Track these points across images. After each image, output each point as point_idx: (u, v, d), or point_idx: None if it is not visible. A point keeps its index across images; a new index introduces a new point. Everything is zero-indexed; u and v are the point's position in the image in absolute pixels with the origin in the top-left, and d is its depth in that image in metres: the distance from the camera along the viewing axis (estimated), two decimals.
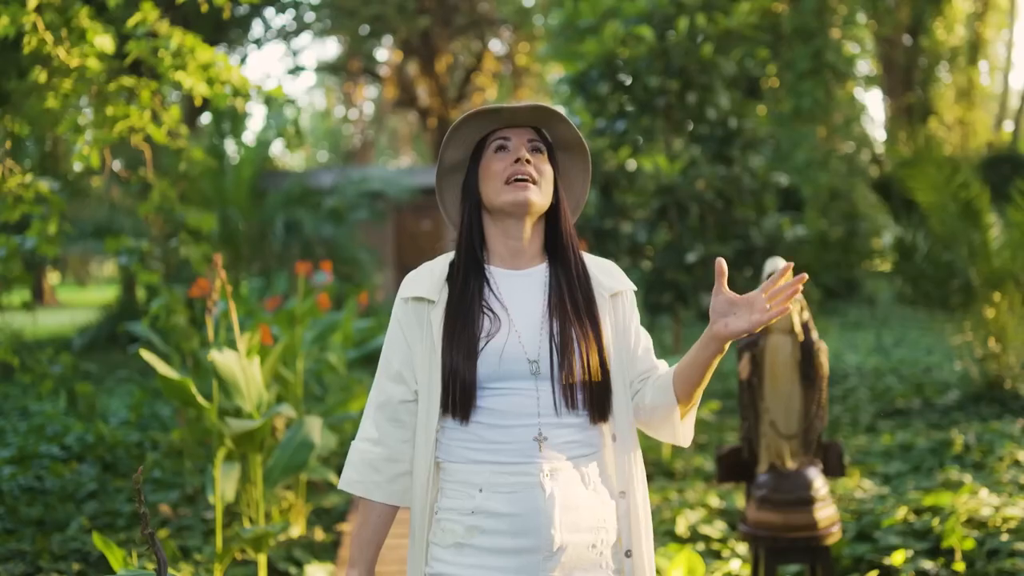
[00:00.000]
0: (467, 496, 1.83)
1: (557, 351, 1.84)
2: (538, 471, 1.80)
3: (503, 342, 1.84)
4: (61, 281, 37.07)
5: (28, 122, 9.31)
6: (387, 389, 1.93)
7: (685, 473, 5.96)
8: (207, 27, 15.54)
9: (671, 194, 8.02)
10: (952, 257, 7.69)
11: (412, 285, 1.94)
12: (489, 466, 1.82)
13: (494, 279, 1.93)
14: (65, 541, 4.82)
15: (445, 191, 2.01)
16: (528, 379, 1.83)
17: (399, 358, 1.92)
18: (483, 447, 1.83)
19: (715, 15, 8.23)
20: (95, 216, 13.83)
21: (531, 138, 1.94)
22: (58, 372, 6.10)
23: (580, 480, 1.83)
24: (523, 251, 1.94)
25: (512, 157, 1.90)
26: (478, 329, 1.85)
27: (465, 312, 1.87)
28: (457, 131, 1.94)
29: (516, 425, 1.82)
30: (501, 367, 1.83)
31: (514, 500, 1.79)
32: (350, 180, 14.79)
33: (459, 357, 1.83)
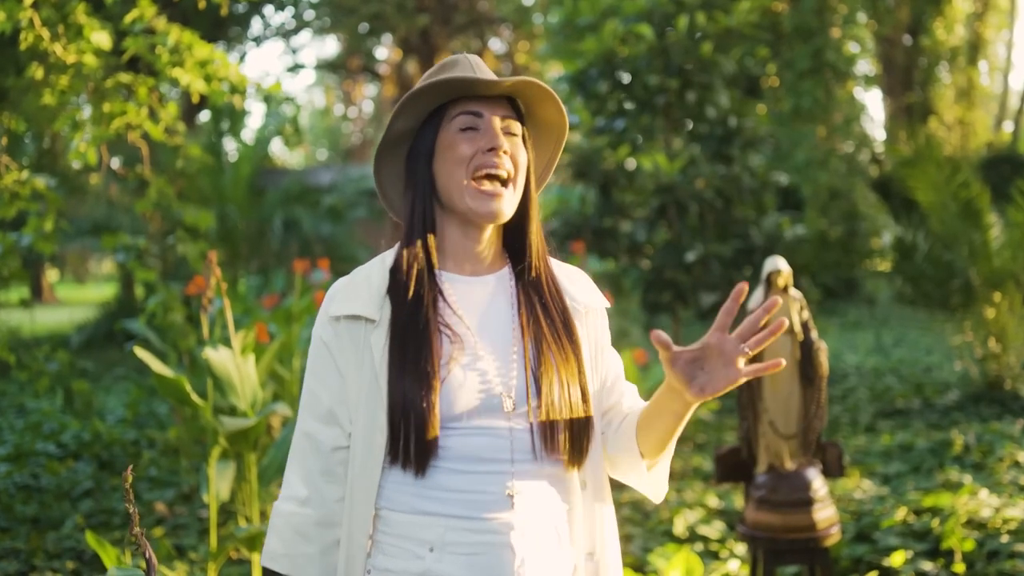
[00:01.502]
0: (412, 556, 1.44)
1: (535, 381, 1.47)
2: (508, 529, 1.43)
3: (466, 370, 1.47)
4: (60, 278, 37.05)
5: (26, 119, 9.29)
6: (316, 434, 1.52)
7: (684, 473, 5.94)
8: (206, 25, 15.52)
9: (670, 193, 7.99)
10: (952, 257, 7.67)
11: (344, 299, 1.53)
12: (444, 520, 1.44)
13: (448, 289, 1.54)
14: (60, 539, 4.80)
15: (383, 168, 1.61)
16: (498, 416, 1.47)
17: (330, 393, 1.51)
18: (438, 495, 1.45)
19: (715, 13, 8.21)
20: (93, 213, 13.80)
21: (506, 114, 1.55)
22: (55, 369, 6.07)
23: (550, 538, 1.49)
24: (483, 255, 1.57)
25: (485, 141, 1.51)
26: (435, 355, 1.45)
27: (417, 334, 1.46)
28: (416, 100, 1.53)
29: (482, 472, 1.45)
30: (466, 403, 1.45)
31: (476, 564, 1.42)
32: (349, 178, 14.77)
33: (413, 392, 1.43)
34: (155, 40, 5.11)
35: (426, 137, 1.55)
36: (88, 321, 14.95)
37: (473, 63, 1.56)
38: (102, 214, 13.53)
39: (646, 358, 6.21)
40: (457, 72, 1.53)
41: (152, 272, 6.45)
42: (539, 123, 1.62)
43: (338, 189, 14.28)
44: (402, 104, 1.54)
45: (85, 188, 14.62)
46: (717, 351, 1.38)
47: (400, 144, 1.60)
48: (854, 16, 14.40)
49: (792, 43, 13.70)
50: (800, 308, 3.20)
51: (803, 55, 13.48)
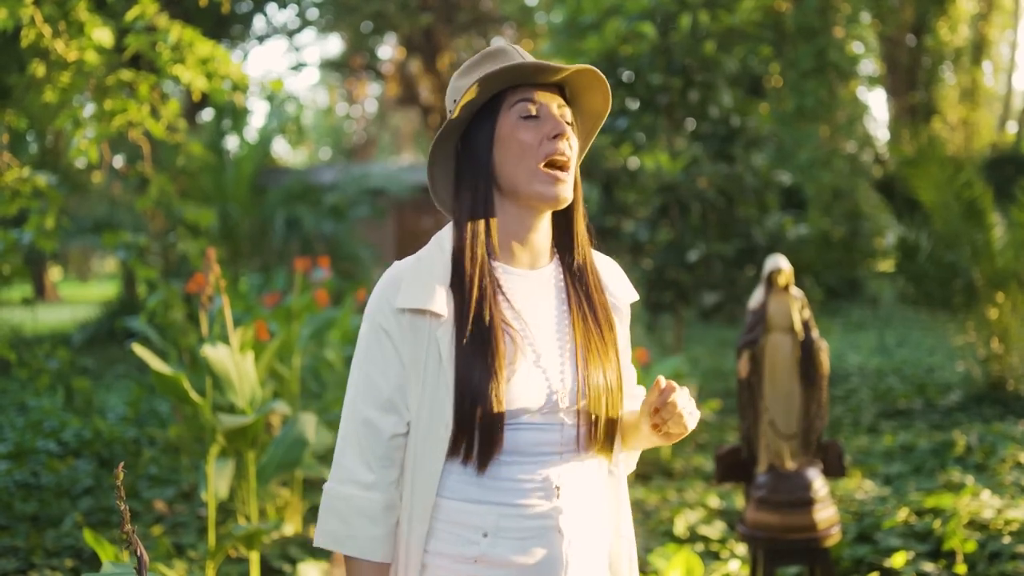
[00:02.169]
0: (467, 541, 1.51)
1: (584, 380, 1.55)
2: (556, 513, 1.52)
3: (527, 368, 1.52)
4: (63, 277, 37.09)
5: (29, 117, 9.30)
6: (376, 421, 1.54)
7: (684, 473, 5.92)
8: (209, 23, 15.53)
9: (673, 192, 7.98)
10: (955, 257, 7.65)
11: (411, 293, 1.53)
12: (498, 508, 1.51)
13: (505, 283, 1.57)
14: (59, 537, 4.79)
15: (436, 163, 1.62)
16: (553, 412, 1.54)
17: (390, 382, 1.54)
18: (492, 485, 1.52)
19: (718, 12, 8.19)
20: (95, 211, 13.81)
21: (561, 102, 1.58)
22: (55, 367, 6.07)
23: (590, 520, 1.58)
24: (538, 246, 1.60)
25: (548, 129, 1.53)
26: (501, 353, 1.50)
27: (483, 331, 1.50)
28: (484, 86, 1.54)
29: (533, 463, 1.53)
30: (528, 400, 1.51)
31: (527, 547, 1.50)
32: (351, 177, 14.77)
33: (482, 389, 1.48)
34: (156, 37, 5.10)
35: (483, 126, 1.56)
36: (90, 319, 14.95)
37: (520, 51, 1.59)
38: (104, 212, 13.53)
39: (648, 357, 6.19)
40: (506, 61, 1.55)
41: (153, 270, 6.44)
42: (582, 111, 1.64)
43: (340, 188, 14.28)
44: (469, 91, 1.53)
45: (88, 186, 14.63)
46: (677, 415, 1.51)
47: (448, 136, 1.60)
48: (857, 16, 14.36)
49: (795, 42, 13.67)
50: (801, 307, 3.19)
51: (806, 55, 13.45)
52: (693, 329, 11.80)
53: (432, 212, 17.45)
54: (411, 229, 17.46)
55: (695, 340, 11.12)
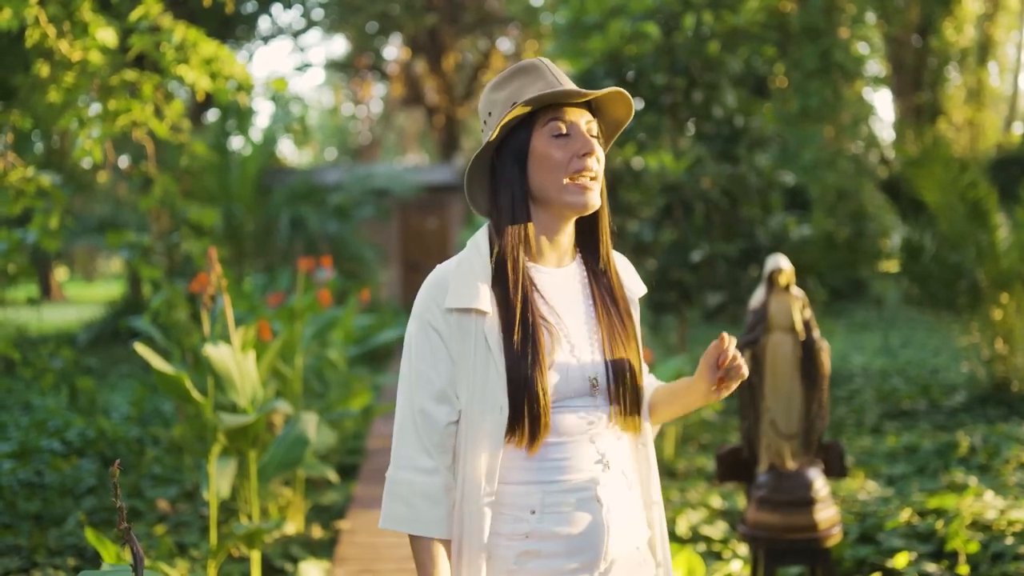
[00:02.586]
0: (517, 520, 1.68)
1: (612, 365, 1.73)
2: (594, 485, 1.70)
3: (564, 359, 1.70)
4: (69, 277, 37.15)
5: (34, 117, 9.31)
6: (431, 411, 1.69)
7: (687, 473, 5.91)
8: (214, 23, 15.55)
9: (676, 192, 7.97)
10: (960, 258, 7.63)
11: (457, 294, 1.69)
12: (543, 486, 1.68)
13: (539, 280, 1.75)
14: (62, 536, 4.80)
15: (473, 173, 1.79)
16: (586, 396, 1.71)
17: (443, 375, 1.69)
18: (538, 466, 1.69)
19: (722, 12, 8.18)
20: (101, 211, 13.83)
21: (589, 118, 1.74)
22: (59, 367, 6.08)
23: (624, 488, 1.75)
24: (563, 247, 1.78)
25: (578, 147, 1.70)
26: (542, 345, 1.68)
27: (526, 325, 1.68)
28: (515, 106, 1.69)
29: (572, 442, 1.70)
30: (566, 386, 1.69)
31: (573, 519, 1.68)
32: (355, 177, 14.77)
33: (531, 377, 1.66)
34: (160, 37, 5.11)
35: (518, 141, 1.73)
36: (95, 319, 14.98)
37: (551, 68, 1.74)
38: (109, 212, 13.55)
39: (652, 357, 6.18)
40: (538, 78, 1.72)
41: (157, 270, 6.46)
42: (606, 119, 1.81)
43: (344, 188, 14.28)
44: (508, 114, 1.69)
45: (93, 186, 14.65)
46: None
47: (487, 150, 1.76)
48: (862, 16, 14.33)
49: (800, 43, 13.65)
50: (802, 307, 3.18)
51: (811, 55, 13.42)
52: (697, 330, 11.78)
53: (436, 212, 17.46)
54: (415, 229, 17.45)
55: (699, 341, 11.09)
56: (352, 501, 5.40)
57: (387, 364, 11.43)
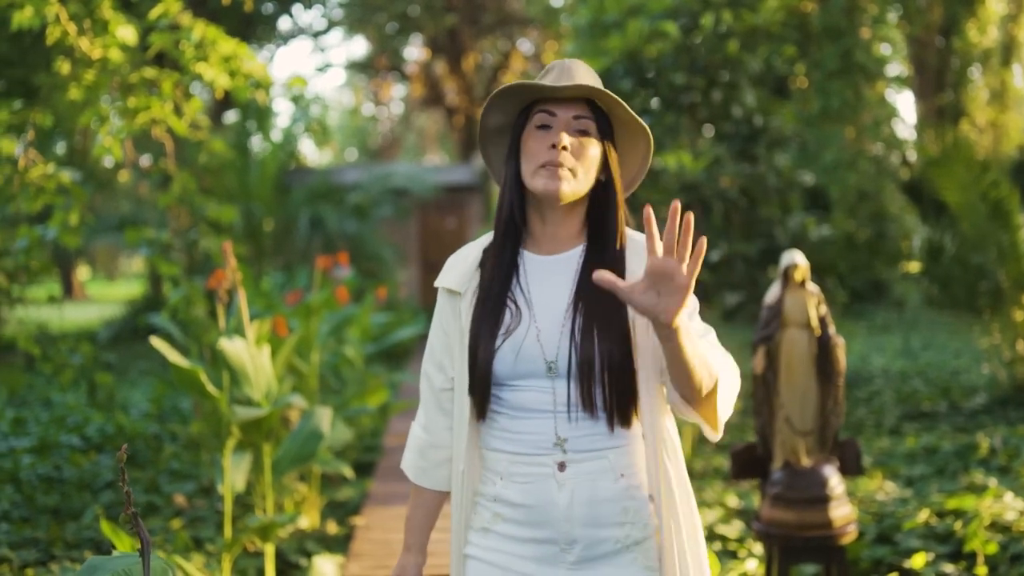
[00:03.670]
0: (490, 482, 1.80)
1: (576, 350, 1.72)
2: (553, 462, 1.73)
3: (521, 339, 1.75)
4: (91, 276, 37.41)
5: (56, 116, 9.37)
6: (430, 376, 1.90)
7: (704, 472, 5.89)
8: (235, 24, 15.62)
9: (695, 192, 7.94)
10: (982, 259, 7.57)
11: (445, 274, 1.86)
12: (507, 455, 1.77)
13: (525, 266, 1.82)
14: (79, 530, 4.83)
15: (492, 154, 1.91)
16: (543, 377, 1.74)
17: (439, 346, 1.88)
18: (502, 435, 1.78)
19: (741, 12, 8.14)
20: (122, 209, 13.91)
21: (578, 114, 1.77)
22: (78, 363, 6.12)
23: (604, 473, 1.73)
24: (558, 235, 1.81)
25: (551, 140, 1.75)
26: (498, 324, 1.76)
27: (489, 305, 1.78)
28: (496, 100, 1.81)
29: (532, 419, 1.75)
30: (517, 366, 1.74)
31: (528, 491, 1.74)
32: (374, 176, 14.80)
33: (481, 353, 1.76)
34: (180, 36, 5.14)
35: (515, 132, 1.82)
36: (116, 317, 15.07)
37: (563, 68, 1.79)
38: (130, 210, 13.63)
39: None
40: (547, 76, 1.78)
41: (175, 266, 6.49)
42: (619, 122, 1.81)
43: (363, 187, 14.31)
44: (488, 104, 1.82)
45: (114, 184, 14.74)
46: (660, 273, 1.49)
47: (503, 134, 1.86)
48: (884, 17, 14.23)
49: (821, 43, 13.57)
50: (817, 303, 3.16)
51: (832, 55, 13.34)
52: (717, 330, 11.73)
53: (455, 213, 17.46)
54: (434, 229, 17.46)
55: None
56: (368, 498, 5.41)
57: (405, 362, 11.45)
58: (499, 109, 1.83)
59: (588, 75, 1.79)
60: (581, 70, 1.79)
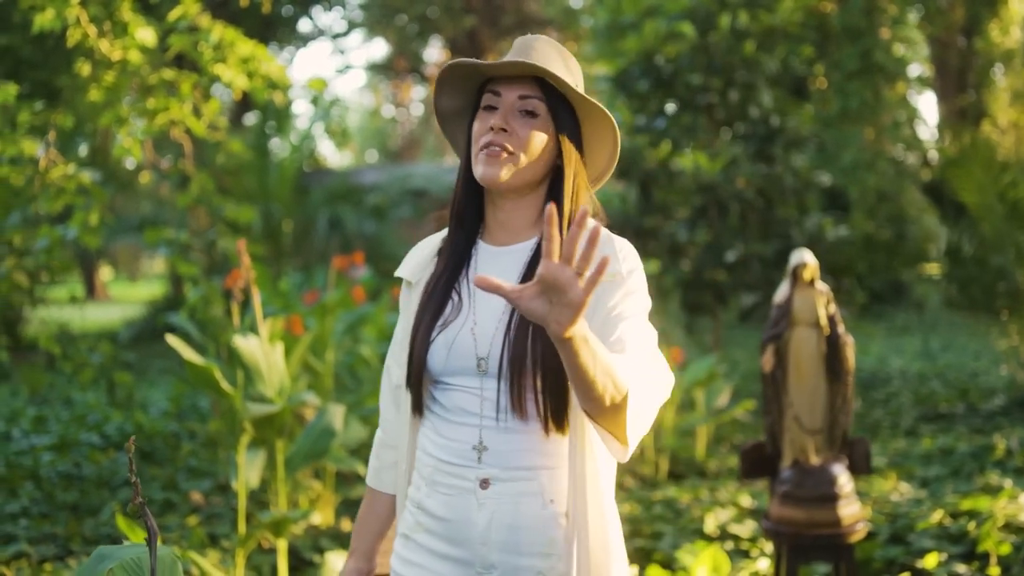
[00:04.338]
0: (417, 488, 1.66)
1: (509, 347, 1.56)
2: (474, 476, 1.58)
3: (455, 333, 1.61)
4: (114, 277, 37.69)
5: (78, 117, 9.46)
6: (390, 370, 1.77)
7: (718, 472, 5.89)
8: (256, 26, 15.73)
9: (711, 192, 7.94)
10: (1002, 260, 7.53)
11: (403, 263, 1.76)
12: (434, 461, 1.62)
13: (477, 257, 1.68)
14: (97, 526, 4.89)
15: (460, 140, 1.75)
16: (472, 375, 1.60)
17: (401, 338, 1.74)
18: (432, 438, 1.64)
19: (758, 12, 8.14)
20: (143, 210, 14.03)
21: (525, 94, 1.62)
22: (98, 362, 6.19)
23: (531, 497, 1.56)
24: (510, 225, 1.66)
25: (494, 121, 1.60)
26: (438, 316, 1.63)
27: (435, 296, 1.65)
28: (447, 80, 1.68)
29: (460, 423, 1.61)
30: (449, 361, 1.60)
31: (448, 504, 1.59)
32: (393, 177, 14.87)
33: (417, 347, 1.63)
34: (199, 37, 5.19)
35: (471, 115, 1.68)
36: (137, 317, 15.20)
37: (523, 45, 1.65)
38: (151, 211, 13.75)
39: (683, 357, 6.17)
40: (508, 54, 1.65)
41: (194, 266, 6.54)
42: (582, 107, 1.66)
43: (382, 188, 14.38)
44: (436, 86, 1.69)
45: (135, 185, 14.86)
46: (552, 283, 1.28)
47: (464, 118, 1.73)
48: (904, 17, 14.17)
49: (840, 44, 13.52)
50: (826, 301, 3.16)
51: (851, 56, 13.30)
52: (733, 332, 11.71)
53: None
54: None
55: (735, 342, 11.04)
56: None
57: None
58: (454, 90, 1.69)
59: (548, 54, 1.64)
60: (541, 48, 1.64)
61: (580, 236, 1.27)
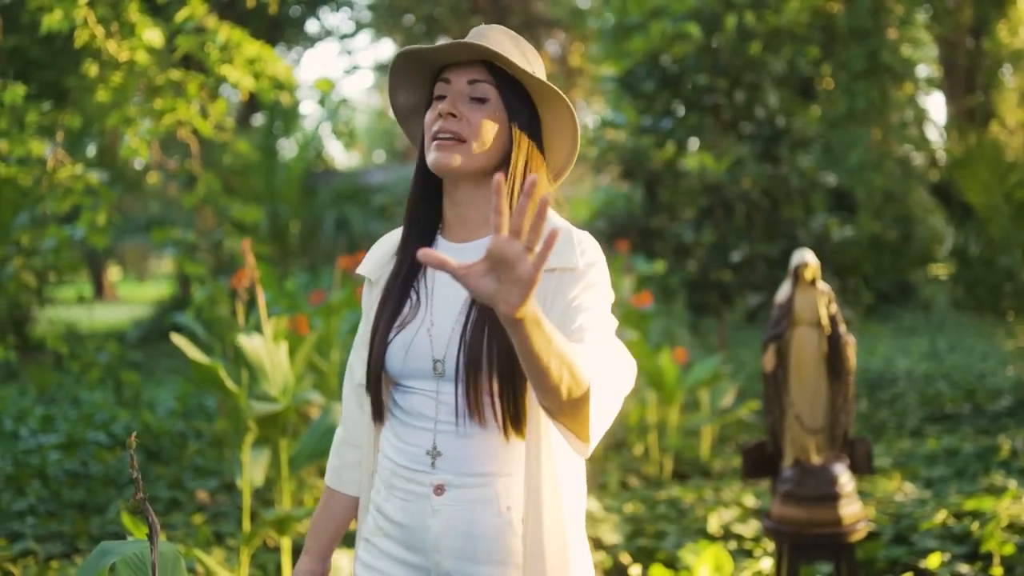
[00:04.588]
0: (377, 491, 1.62)
1: (465, 349, 1.50)
2: (429, 481, 1.54)
3: (412, 334, 1.56)
4: (122, 277, 37.79)
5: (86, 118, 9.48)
6: (353, 367, 1.72)
7: (723, 472, 5.90)
8: (262, 26, 15.77)
9: (717, 193, 7.95)
10: (1009, 261, 7.52)
11: (364, 261, 1.71)
12: (391, 464, 1.59)
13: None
14: (103, 524, 4.91)
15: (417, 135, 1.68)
16: (428, 378, 1.55)
17: (363, 338, 1.69)
18: (392, 442, 1.60)
19: (764, 13, 8.14)
20: (151, 210, 14.09)
21: (474, 78, 1.56)
22: (105, 361, 6.22)
23: (487, 504, 1.52)
24: (467, 220, 1.60)
25: (441, 107, 1.55)
26: (396, 316, 1.58)
27: (394, 295, 1.60)
28: (400, 74, 1.62)
29: (415, 427, 1.57)
30: (406, 363, 1.56)
31: (404, 509, 1.56)
32: (400, 177, 14.90)
33: (374, 349, 1.59)
34: (205, 38, 5.22)
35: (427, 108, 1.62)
36: (144, 317, 15.25)
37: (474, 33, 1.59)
38: (159, 211, 13.80)
39: (687, 357, 6.18)
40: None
41: (201, 266, 6.57)
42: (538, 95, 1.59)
43: (389, 189, 14.41)
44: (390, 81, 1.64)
45: (143, 185, 14.92)
46: (500, 258, 1.20)
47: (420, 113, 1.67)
48: (911, 17, 14.15)
49: (847, 44, 13.51)
50: (828, 301, 3.17)
51: (858, 56, 13.29)
52: (739, 332, 11.70)
53: None
54: None
55: (741, 343, 11.03)
56: None
57: None
58: (410, 85, 1.63)
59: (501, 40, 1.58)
60: (493, 35, 1.58)
61: (529, 207, 1.19)
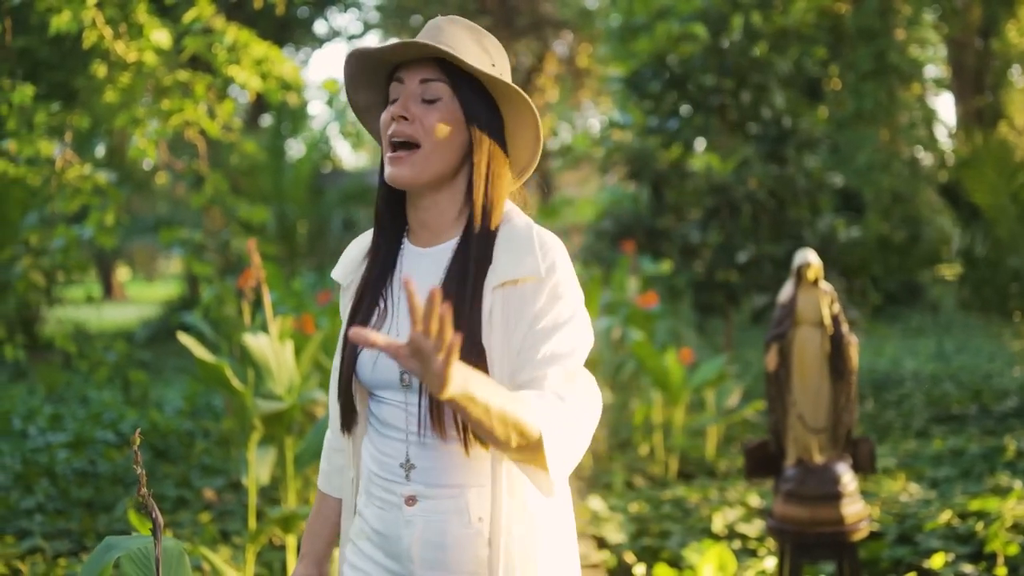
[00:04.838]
0: (360, 496, 1.64)
1: None
2: (401, 490, 1.54)
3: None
4: (131, 277, 37.90)
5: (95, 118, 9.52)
6: (335, 371, 1.67)
7: (728, 472, 5.90)
8: (270, 27, 15.82)
9: (723, 193, 7.95)
10: (1017, 262, 7.52)
11: (337, 264, 1.69)
12: (369, 472, 1.60)
13: (403, 260, 1.59)
14: (111, 522, 4.95)
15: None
16: (399, 391, 1.54)
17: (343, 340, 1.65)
18: (371, 451, 1.60)
19: (771, 13, 8.15)
20: (159, 211, 14.14)
21: (426, 78, 1.49)
22: (113, 360, 6.25)
23: (457, 515, 1.51)
24: (430, 224, 1.56)
25: (394, 109, 1.50)
26: (366, 324, 1.56)
27: (363, 304, 1.57)
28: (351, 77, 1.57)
29: (389, 437, 1.56)
30: (375, 373, 1.54)
31: (381, 517, 1.56)
32: None
33: (344, 358, 1.58)
34: (213, 39, 5.25)
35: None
36: (153, 317, 15.31)
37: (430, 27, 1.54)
38: (167, 211, 13.85)
39: (692, 357, 6.19)
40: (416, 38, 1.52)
41: (208, 266, 6.61)
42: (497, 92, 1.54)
43: None
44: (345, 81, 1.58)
45: (151, 186, 14.98)
46: (416, 349, 1.20)
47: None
48: (919, 18, 14.13)
49: (855, 44, 13.50)
50: (830, 301, 3.18)
51: (865, 57, 13.28)
52: (746, 332, 11.69)
53: None
54: None
55: (747, 343, 11.03)
56: None
57: None
58: (367, 84, 1.58)
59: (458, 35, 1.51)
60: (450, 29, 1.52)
61: (434, 312, 1.17)
